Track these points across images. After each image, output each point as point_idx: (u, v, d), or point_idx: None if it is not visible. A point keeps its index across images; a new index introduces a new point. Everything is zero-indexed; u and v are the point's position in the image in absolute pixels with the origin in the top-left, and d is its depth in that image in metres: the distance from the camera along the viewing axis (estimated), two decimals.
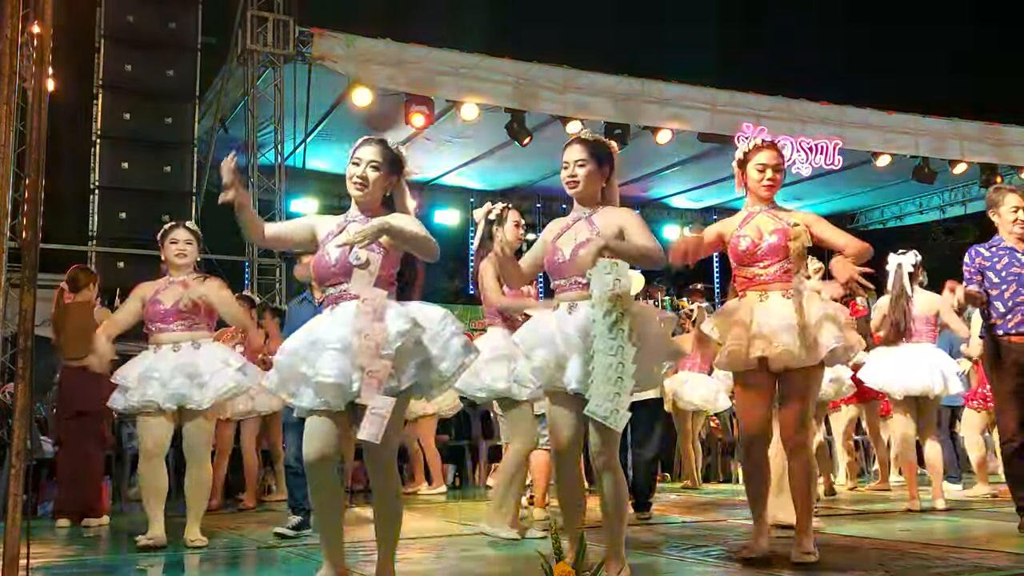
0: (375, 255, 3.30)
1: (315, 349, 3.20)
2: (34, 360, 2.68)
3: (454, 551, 4.64)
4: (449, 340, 3.26)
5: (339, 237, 3.34)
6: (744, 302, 4.06)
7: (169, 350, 4.91)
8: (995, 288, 5.18)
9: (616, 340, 3.39)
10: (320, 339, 3.22)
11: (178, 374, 4.83)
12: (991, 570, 3.84)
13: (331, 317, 3.27)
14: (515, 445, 5.03)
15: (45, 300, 6.38)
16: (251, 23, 9.40)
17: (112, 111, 8.68)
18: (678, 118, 10.95)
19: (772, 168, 4.14)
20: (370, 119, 10.40)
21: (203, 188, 9.72)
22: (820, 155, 11.33)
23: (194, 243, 5.10)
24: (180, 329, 4.94)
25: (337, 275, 3.31)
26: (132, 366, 4.96)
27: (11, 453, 2.60)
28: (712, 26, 18.29)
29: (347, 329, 3.17)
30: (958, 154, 12.30)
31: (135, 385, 4.86)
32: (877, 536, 4.96)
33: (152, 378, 4.83)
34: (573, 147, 3.73)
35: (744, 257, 4.06)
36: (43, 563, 4.22)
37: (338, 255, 3.31)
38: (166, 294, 4.98)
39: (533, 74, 10.37)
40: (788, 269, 4.03)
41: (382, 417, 3.10)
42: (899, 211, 15.31)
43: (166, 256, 5.08)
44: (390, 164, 3.49)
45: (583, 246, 3.56)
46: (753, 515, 4.12)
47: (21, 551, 2.59)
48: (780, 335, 3.88)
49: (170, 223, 5.19)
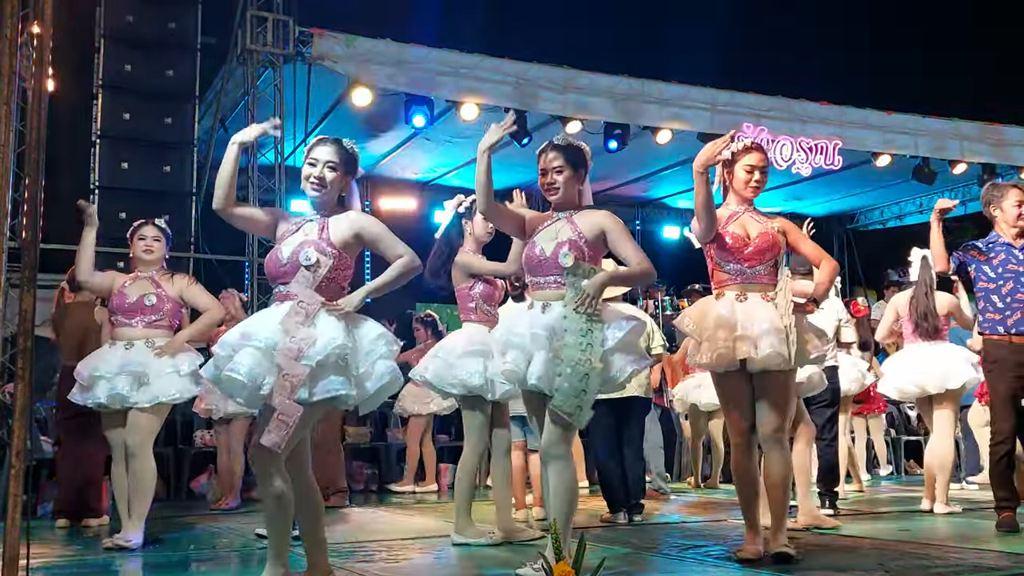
0: (326, 258, 3.30)
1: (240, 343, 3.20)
2: (34, 360, 2.69)
3: (454, 551, 4.64)
4: (375, 362, 3.26)
5: (295, 236, 3.35)
6: (722, 301, 4.08)
7: (122, 347, 4.93)
8: (991, 282, 5.14)
9: (586, 339, 3.47)
10: (248, 333, 3.21)
11: (123, 373, 4.85)
12: (991, 570, 3.84)
13: (267, 314, 3.28)
14: (466, 448, 4.90)
15: (45, 300, 6.39)
16: (251, 23, 9.39)
17: (112, 111, 8.67)
18: (678, 118, 10.93)
19: (760, 170, 4.22)
20: (370, 119, 10.41)
21: (203, 188, 9.71)
22: (820, 155, 11.32)
23: (162, 240, 5.16)
24: (140, 325, 4.96)
25: (286, 274, 3.30)
26: (87, 363, 5.01)
27: (11, 453, 2.60)
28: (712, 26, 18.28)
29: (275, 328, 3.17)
30: (958, 154, 12.29)
31: (87, 384, 4.93)
32: (877, 536, 4.96)
33: (101, 377, 4.88)
34: (548, 154, 3.78)
35: (731, 252, 4.08)
36: (43, 563, 4.22)
37: (289, 253, 3.31)
38: (132, 288, 5.03)
39: (533, 74, 10.36)
40: (770, 273, 4.09)
41: (288, 425, 3.08)
42: (899, 211, 15.29)
43: (134, 252, 5.15)
44: (346, 164, 3.48)
45: (565, 245, 3.61)
46: (746, 518, 4.13)
47: (21, 551, 2.59)
48: (765, 338, 3.92)
49: (139, 221, 5.23)
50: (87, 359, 5.06)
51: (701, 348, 4.06)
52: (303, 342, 3.13)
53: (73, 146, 8.78)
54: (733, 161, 4.22)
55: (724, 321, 3.99)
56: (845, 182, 13.17)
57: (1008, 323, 5.07)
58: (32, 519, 2.69)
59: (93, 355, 5.08)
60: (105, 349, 5.05)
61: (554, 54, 10.73)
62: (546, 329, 3.52)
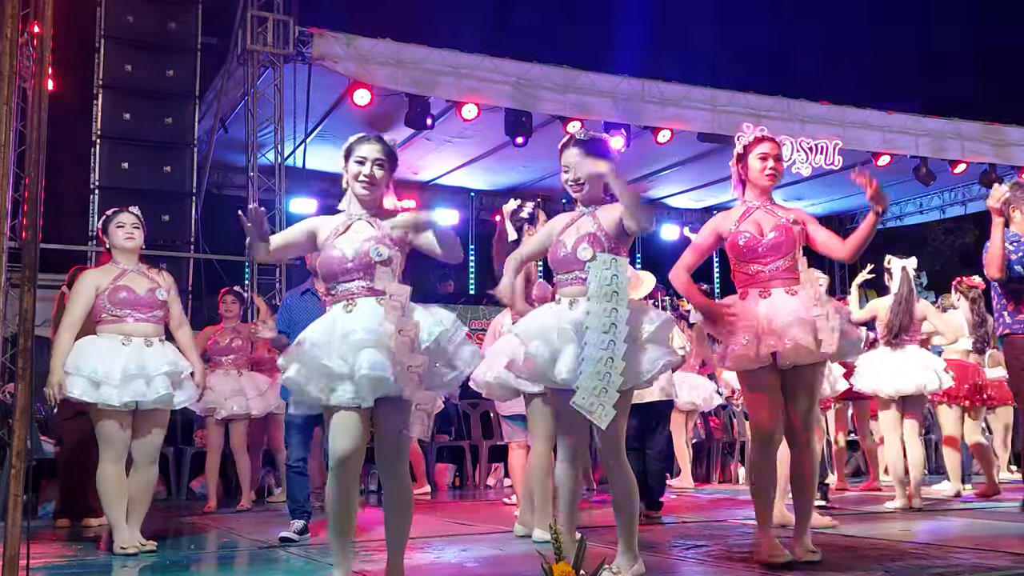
0: (395, 252, 3.34)
1: (347, 343, 3.16)
2: (34, 360, 2.68)
3: (454, 551, 4.64)
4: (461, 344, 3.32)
5: (349, 235, 3.35)
6: (746, 301, 4.00)
7: (141, 343, 4.66)
8: (1020, 283, 5.11)
9: (608, 335, 3.38)
10: (351, 334, 3.17)
11: (161, 373, 4.63)
12: (991, 570, 3.83)
13: (353, 314, 3.24)
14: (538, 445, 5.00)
15: (45, 300, 6.37)
16: (251, 23, 9.40)
17: (112, 111, 8.68)
18: (678, 118, 10.95)
19: (773, 158, 4.09)
20: (370, 119, 10.40)
21: (203, 188, 9.72)
22: (820, 155, 11.33)
23: (140, 227, 4.86)
24: (153, 321, 4.74)
25: (351, 271, 3.30)
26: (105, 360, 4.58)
27: (11, 453, 2.60)
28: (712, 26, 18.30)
29: (376, 324, 3.16)
30: (958, 154, 12.30)
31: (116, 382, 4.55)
32: (877, 536, 4.96)
33: (137, 376, 4.58)
34: (571, 150, 3.69)
35: (745, 253, 4.01)
36: (43, 563, 4.22)
37: (355, 251, 3.31)
38: (134, 281, 4.75)
39: (533, 74, 10.37)
40: (790, 266, 3.98)
41: (427, 414, 3.17)
42: (899, 211, 15.30)
43: (113, 242, 4.81)
44: (391, 161, 3.49)
45: (584, 240, 3.59)
46: (763, 521, 4.03)
47: (21, 551, 2.59)
48: (790, 330, 3.81)
49: (112, 209, 4.94)
50: (103, 356, 4.59)
51: (727, 349, 3.97)
52: (412, 332, 3.15)
53: (73, 146, 8.79)
54: (745, 154, 4.15)
55: (748, 320, 3.91)
56: (845, 182, 13.11)
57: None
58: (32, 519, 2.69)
59: (109, 351, 4.62)
60: (119, 346, 4.64)
61: (554, 54, 10.75)
62: (574, 324, 3.47)
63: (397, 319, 3.16)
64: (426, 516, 6.58)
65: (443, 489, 8.90)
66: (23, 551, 2.60)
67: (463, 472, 9.42)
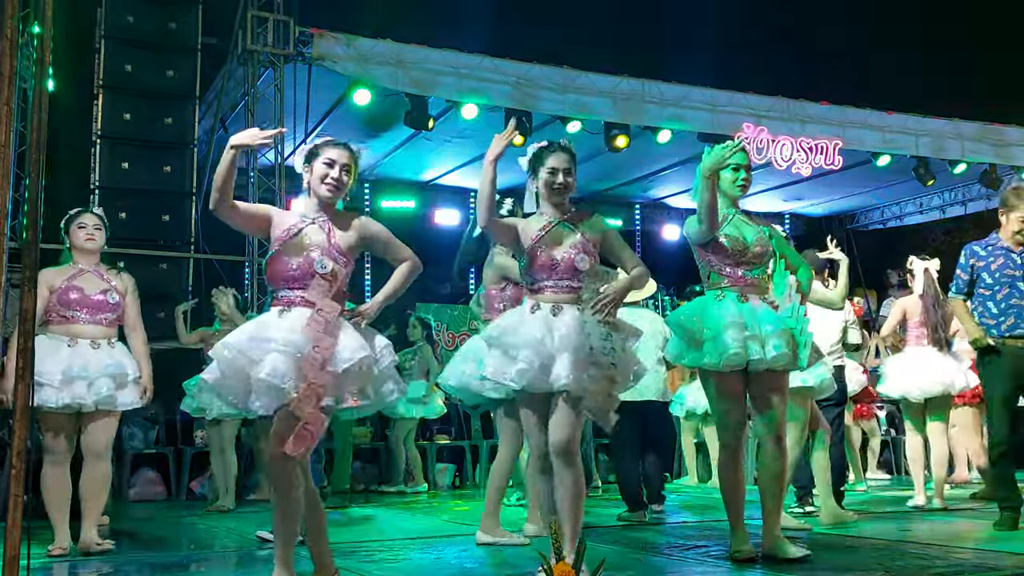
0: (339, 267, 3.30)
1: (259, 347, 3.16)
2: (34, 360, 2.68)
3: (454, 551, 4.64)
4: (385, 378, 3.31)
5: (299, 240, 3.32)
6: (724, 303, 4.08)
7: (87, 345, 4.64)
8: (987, 289, 5.19)
9: (608, 343, 3.50)
10: (266, 338, 3.17)
11: (105, 375, 4.61)
12: (991, 570, 3.84)
13: (282, 320, 3.23)
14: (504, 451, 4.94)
15: None
16: (251, 23, 9.39)
17: (112, 111, 8.67)
18: (678, 118, 10.94)
19: (745, 168, 4.24)
20: (371, 119, 10.41)
21: (203, 188, 9.71)
22: (820, 155, 11.32)
23: (102, 229, 4.85)
24: (104, 323, 4.71)
25: (295, 279, 3.28)
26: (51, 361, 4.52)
27: (11, 453, 2.60)
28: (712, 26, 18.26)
29: (296, 335, 3.14)
30: (958, 154, 12.29)
31: (58, 384, 4.52)
32: (877, 536, 4.96)
33: (78, 377, 4.56)
34: (560, 155, 3.84)
35: (730, 256, 4.12)
36: (43, 563, 4.22)
37: (299, 260, 3.28)
38: (86, 282, 4.72)
39: (533, 74, 10.36)
40: (765, 276, 4.15)
41: (313, 434, 3.08)
42: (899, 211, 15.29)
43: (73, 242, 4.78)
44: (357, 168, 3.49)
45: (578, 249, 3.67)
46: (735, 519, 4.12)
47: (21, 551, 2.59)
48: (773, 339, 3.95)
49: (75, 209, 4.90)
50: (46, 357, 4.49)
51: (703, 348, 4.03)
52: (327, 351, 3.12)
53: (73, 146, 8.78)
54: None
55: (733, 322, 3.97)
56: (845, 182, 13.17)
57: (1002, 327, 5.12)
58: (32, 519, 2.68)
59: (53, 352, 4.56)
60: (63, 347, 4.61)
61: (554, 54, 10.74)
62: (571, 330, 3.51)
63: (316, 335, 3.14)
64: (426, 516, 6.58)
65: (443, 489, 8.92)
66: (23, 551, 2.60)
67: (463, 472, 9.42)
